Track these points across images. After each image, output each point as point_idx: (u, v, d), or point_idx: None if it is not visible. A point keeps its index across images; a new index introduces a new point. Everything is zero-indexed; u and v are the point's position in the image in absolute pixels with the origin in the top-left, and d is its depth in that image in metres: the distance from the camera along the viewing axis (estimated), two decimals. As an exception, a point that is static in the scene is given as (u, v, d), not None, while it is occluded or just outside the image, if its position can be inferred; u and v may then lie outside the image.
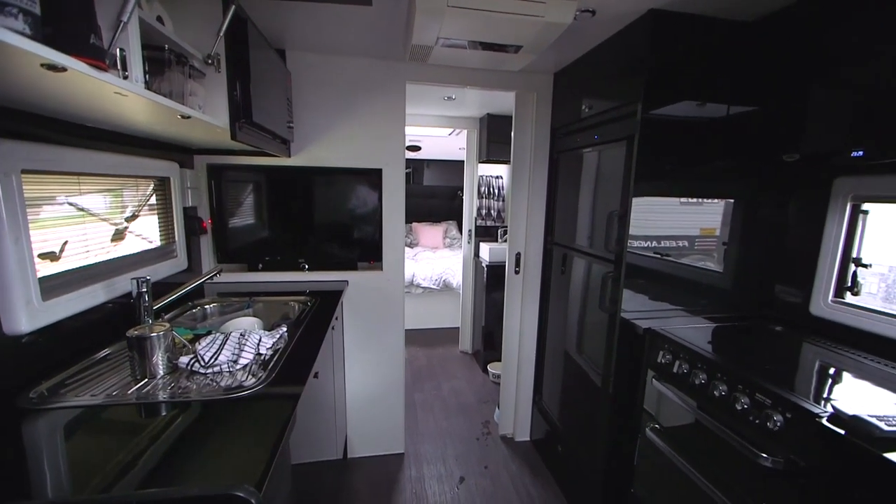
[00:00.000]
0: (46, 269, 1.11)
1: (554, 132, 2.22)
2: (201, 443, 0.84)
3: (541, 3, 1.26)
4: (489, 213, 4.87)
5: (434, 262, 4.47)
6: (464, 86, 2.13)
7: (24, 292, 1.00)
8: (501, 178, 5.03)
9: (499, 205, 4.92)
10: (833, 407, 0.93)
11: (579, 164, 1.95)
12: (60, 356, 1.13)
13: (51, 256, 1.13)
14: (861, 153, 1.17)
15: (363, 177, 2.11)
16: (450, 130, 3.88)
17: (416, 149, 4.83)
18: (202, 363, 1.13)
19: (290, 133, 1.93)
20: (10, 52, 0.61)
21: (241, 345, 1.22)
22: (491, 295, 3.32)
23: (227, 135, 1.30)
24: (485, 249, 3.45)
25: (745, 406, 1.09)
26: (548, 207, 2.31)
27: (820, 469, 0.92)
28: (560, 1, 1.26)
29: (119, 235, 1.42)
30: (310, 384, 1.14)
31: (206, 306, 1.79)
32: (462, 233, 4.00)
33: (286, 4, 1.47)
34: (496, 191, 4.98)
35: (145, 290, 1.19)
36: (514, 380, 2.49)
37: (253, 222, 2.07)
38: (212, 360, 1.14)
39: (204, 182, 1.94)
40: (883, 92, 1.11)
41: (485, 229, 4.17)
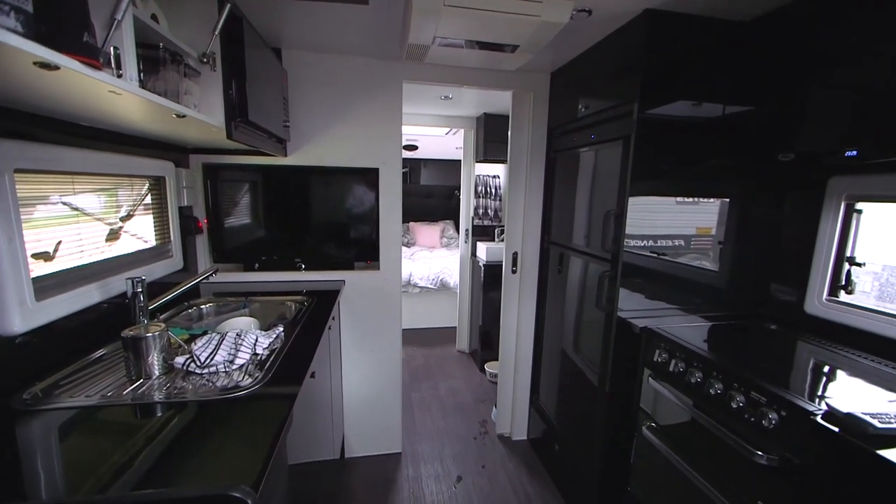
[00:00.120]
0: (40, 269, 1.10)
1: (551, 131, 2.22)
2: (197, 443, 0.84)
3: (537, 3, 1.26)
4: (486, 213, 4.87)
5: (431, 261, 4.47)
6: (461, 85, 2.13)
7: (18, 293, 0.99)
8: (498, 177, 5.04)
9: (496, 204, 4.92)
10: (827, 405, 0.93)
11: (576, 163, 1.96)
12: (55, 357, 1.12)
13: (45, 256, 1.12)
14: (855, 153, 1.18)
15: (360, 176, 2.11)
16: (447, 130, 3.89)
17: (412, 148, 4.83)
18: (198, 363, 1.12)
19: (287, 132, 1.92)
20: (2, 51, 0.61)
21: (238, 345, 1.21)
22: (488, 294, 3.33)
23: (223, 134, 1.29)
24: (482, 249, 3.45)
25: (741, 404, 1.10)
26: (545, 207, 2.31)
27: (814, 466, 0.92)
28: (556, 0, 1.26)
29: (114, 235, 1.41)
30: (307, 384, 1.14)
31: (202, 306, 1.78)
32: (459, 232, 4.00)
33: (282, 3, 1.47)
34: (493, 190, 4.99)
35: (140, 290, 1.18)
36: (512, 379, 2.49)
37: (249, 222, 2.06)
38: (208, 360, 1.13)
39: (200, 181, 1.93)
40: (880, 92, 1.12)
41: (482, 229, 4.18)
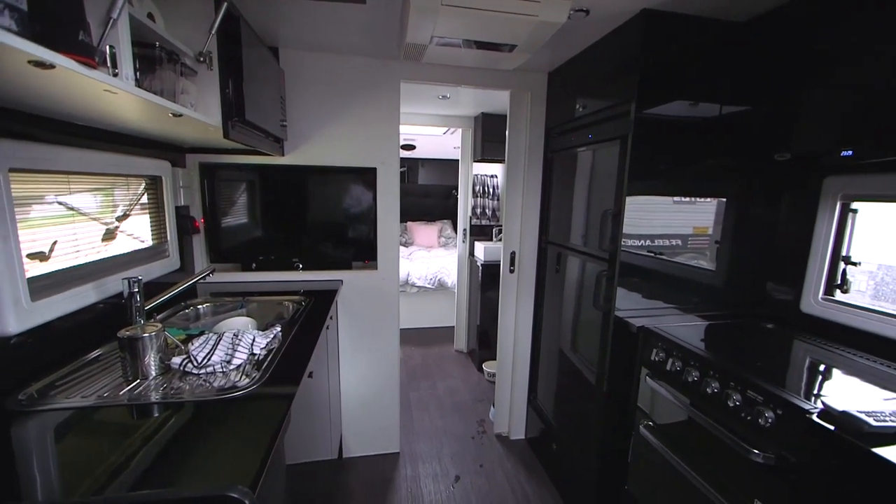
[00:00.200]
0: (36, 269, 1.09)
1: (548, 131, 2.22)
2: (194, 444, 0.83)
3: (535, 3, 1.26)
4: (484, 212, 4.86)
5: (429, 261, 4.47)
6: (458, 85, 2.13)
7: (13, 293, 0.98)
8: (496, 177, 5.03)
9: (493, 204, 4.92)
10: (823, 403, 0.94)
11: (573, 163, 1.96)
12: (50, 357, 1.12)
13: (40, 256, 1.11)
14: (850, 153, 1.18)
15: (357, 176, 2.11)
16: (444, 129, 3.88)
17: (410, 148, 4.82)
18: (195, 363, 1.12)
19: (284, 132, 1.92)
20: (-4, 49, 0.60)
21: (235, 345, 1.21)
22: (486, 294, 3.33)
23: (220, 133, 1.29)
24: (479, 248, 3.45)
25: (737, 403, 1.10)
26: (542, 206, 2.31)
27: (810, 464, 0.93)
28: (554, 0, 1.26)
29: (110, 235, 1.41)
30: (304, 384, 1.13)
31: (199, 306, 1.77)
32: (457, 232, 4.00)
33: (279, 2, 1.46)
34: (491, 190, 4.97)
35: (137, 290, 1.18)
36: (509, 378, 2.50)
37: (246, 221, 2.06)
38: (205, 360, 1.13)
39: (196, 181, 1.93)
40: (881, 92, 1.12)
41: (479, 228, 4.17)
